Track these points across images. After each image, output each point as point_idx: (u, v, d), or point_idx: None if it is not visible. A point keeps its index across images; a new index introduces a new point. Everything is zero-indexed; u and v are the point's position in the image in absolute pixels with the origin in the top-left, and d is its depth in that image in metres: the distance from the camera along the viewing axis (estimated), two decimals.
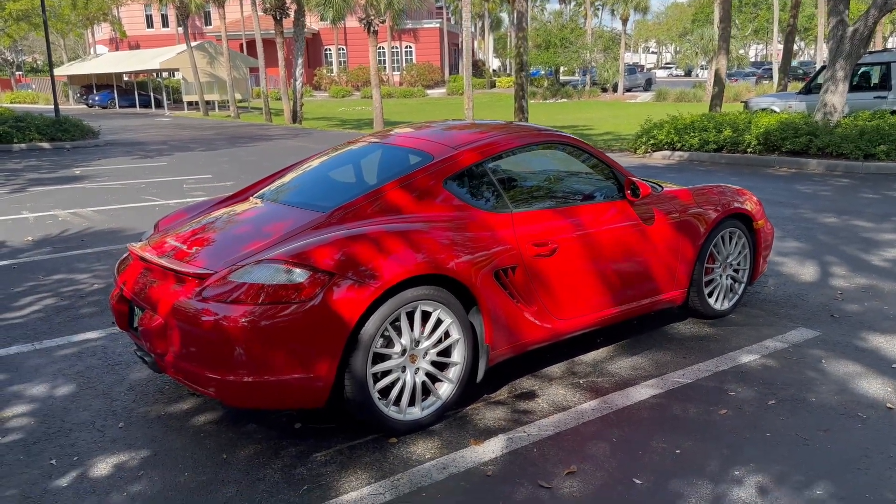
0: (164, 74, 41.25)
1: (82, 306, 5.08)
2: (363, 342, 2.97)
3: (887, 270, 5.66)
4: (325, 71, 54.06)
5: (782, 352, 4.06)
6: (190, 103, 37.70)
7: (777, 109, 14.98)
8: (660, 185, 4.43)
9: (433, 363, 3.26)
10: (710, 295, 4.54)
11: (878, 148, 11.13)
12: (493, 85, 52.29)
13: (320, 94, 51.16)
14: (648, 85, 47.00)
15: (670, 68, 70.53)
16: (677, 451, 3.02)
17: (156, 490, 2.81)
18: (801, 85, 25.92)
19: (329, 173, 4.05)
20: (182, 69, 36.62)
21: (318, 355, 2.89)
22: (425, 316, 3.18)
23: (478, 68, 55.63)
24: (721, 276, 4.59)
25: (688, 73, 64.26)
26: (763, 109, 15.18)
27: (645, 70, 56.27)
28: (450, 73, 54.35)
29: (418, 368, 3.20)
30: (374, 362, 3.07)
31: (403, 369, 3.16)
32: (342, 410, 3.25)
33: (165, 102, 38.57)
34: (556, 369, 3.88)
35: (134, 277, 3.34)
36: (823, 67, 14.81)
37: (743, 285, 4.73)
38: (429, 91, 49.80)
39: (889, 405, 3.39)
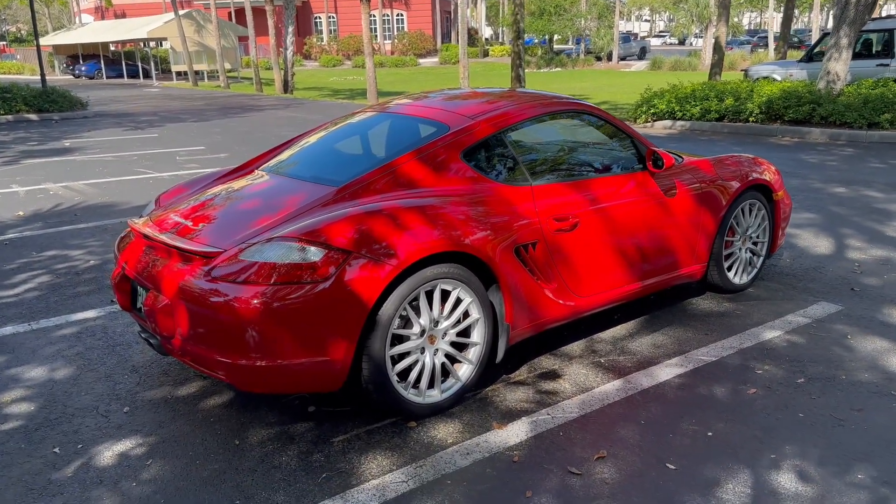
0: (152, 44, 40.49)
1: (78, 284, 4.91)
2: (381, 323, 2.82)
3: None
4: (314, 40, 53.18)
5: (806, 327, 3.95)
6: (179, 73, 37.02)
7: (778, 77, 14.77)
8: (680, 156, 4.27)
9: (452, 344, 3.12)
10: (730, 269, 4.41)
11: (882, 116, 10.98)
12: (486, 54, 51.62)
13: (310, 63, 50.39)
14: (643, 54, 46.50)
15: (664, 37, 69.83)
16: (709, 434, 2.90)
17: (166, 479, 2.67)
18: (798, 53, 25.66)
19: (337, 145, 3.86)
20: (170, 38, 35.88)
21: (334, 337, 2.75)
22: (444, 295, 3.03)
23: (470, 37, 54.76)
24: (741, 249, 4.45)
25: (682, 42, 63.67)
26: (763, 77, 14.97)
27: (639, 39, 55.63)
28: (442, 42, 53.60)
29: (437, 349, 3.06)
30: (393, 344, 2.93)
31: (422, 351, 3.02)
32: (357, 394, 3.11)
33: (154, 72, 37.89)
34: (575, 348, 3.75)
35: (136, 256, 3.17)
36: (825, 35, 14.60)
37: (762, 258, 4.60)
38: (421, 60, 49.13)
39: None
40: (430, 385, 3.07)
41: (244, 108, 20.10)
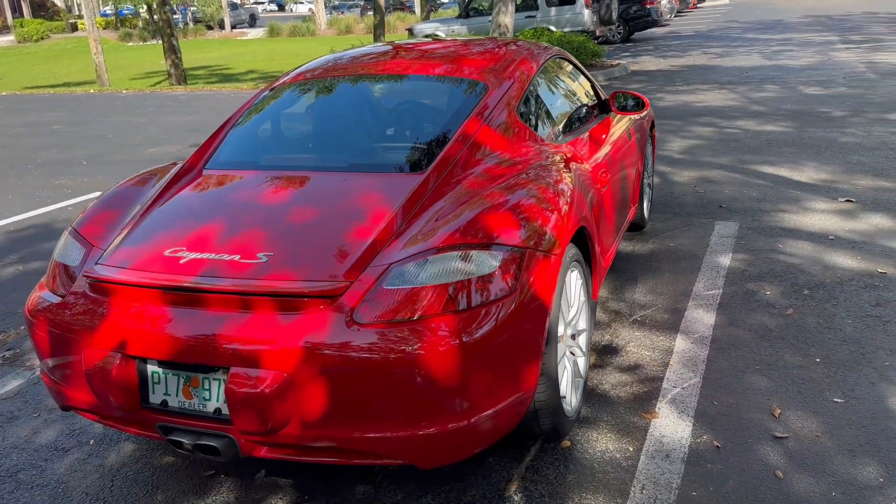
0: None
1: None
2: (552, 331, 2.22)
3: (694, 161, 6.29)
4: None
5: (740, 246, 4.23)
6: None
7: (442, 34, 15.65)
8: None
9: (571, 336, 2.63)
10: (642, 205, 4.52)
11: None
12: (75, 28, 45.14)
13: None
14: (253, 21, 45.35)
15: (263, 3, 68.99)
16: (817, 360, 2.92)
17: None
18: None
19: (332, 122, 2.94)
20: None
21: (526, 362, 2.09)
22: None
23: (46, 9, 47.45)
24: (647, 185, 4.58)
25: (281, 8, 63.67)
26: (428, 36, 15.71)
27: (244, 5, 54.09)
28: (13, 17, 45.34)
29: (566, 347, 2.54)
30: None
31: (563, 353, 2.47)
32: None
33: None
34: (597, 314, 3.48)
35: (153, 325, 1.97)
36: None
37: (651, 192, 4.81)
38: None
39: (880, 270, 3.76)
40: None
41: None
